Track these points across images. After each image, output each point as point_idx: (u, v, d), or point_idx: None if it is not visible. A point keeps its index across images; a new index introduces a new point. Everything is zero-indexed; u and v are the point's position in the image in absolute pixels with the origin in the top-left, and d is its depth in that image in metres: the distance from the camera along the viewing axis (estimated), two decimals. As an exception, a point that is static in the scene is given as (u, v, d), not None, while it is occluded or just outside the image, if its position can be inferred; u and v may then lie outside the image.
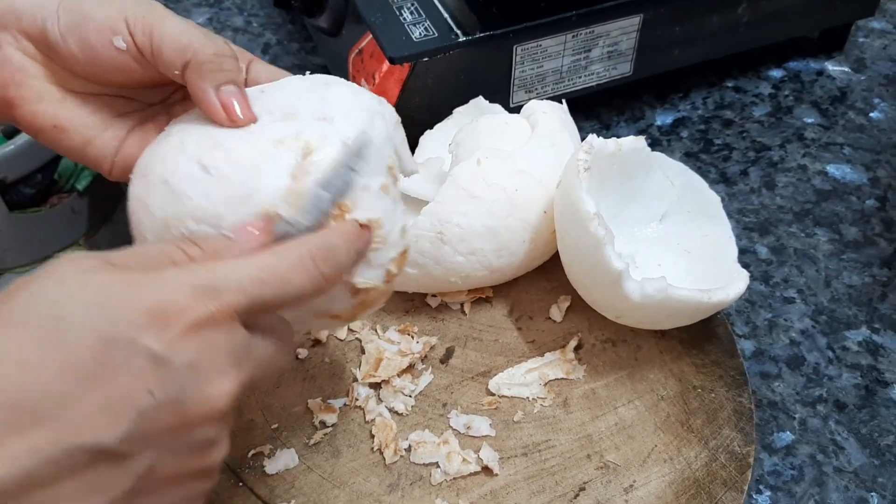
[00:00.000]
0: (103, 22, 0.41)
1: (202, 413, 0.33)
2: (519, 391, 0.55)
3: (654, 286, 0.51)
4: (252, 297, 0.34)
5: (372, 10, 0.68)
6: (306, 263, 0.36)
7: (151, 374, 0.31)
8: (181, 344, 0.32)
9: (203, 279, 0.33)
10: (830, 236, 0.69)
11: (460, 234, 0.56)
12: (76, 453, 0.30)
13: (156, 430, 0.31)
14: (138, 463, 0.31)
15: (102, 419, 0.30)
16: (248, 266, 0.35)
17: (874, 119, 0.79)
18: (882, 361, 0.61)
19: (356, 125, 0.41)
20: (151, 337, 0.31)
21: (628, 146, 0.57)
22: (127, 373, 0.31)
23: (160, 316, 0.32)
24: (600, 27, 0.70)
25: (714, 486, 0.50)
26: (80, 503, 0.30)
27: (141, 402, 0.31)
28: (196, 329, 0.32)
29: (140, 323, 0.31)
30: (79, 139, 0.44)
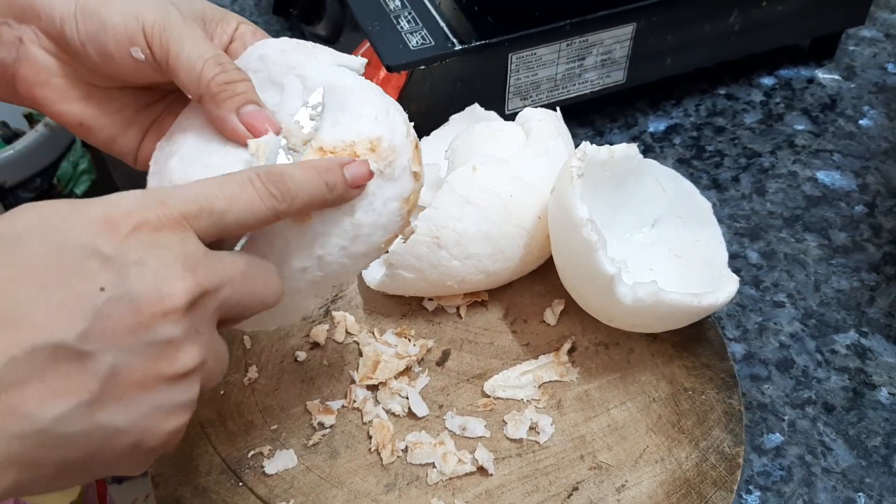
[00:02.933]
0: (121, 31, 0.42)
1: (157, 309, 0.33)
2: (514, 393, 0.56)
3: (646, 290, 0.52)
4: (201, 205, 0.35)
5: (369, 19, 0.69)
6: (254, 182, 0.37)
7: (102, 272, 0.32)
8: (129, 243, 0.33)
9: (150, 192, 0.35)
10: (820, 241, 0.71)
11: (456, 239, 0.57)
12: (37, 352, 0.31)
13: (113, 326, 0.32)
14: (100, 362, 0.32)
15: (59, 317, 0.31)
16: (195, 184, 0.37)
17: (864, 126, 0.81)
18: (870, 364, 0.62)
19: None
20: (100, 239, 0.33)
21: (621, 153, 0.58)
22: (79, 274, 0.32)
23: (108, 221, 0.33)
24: (594, 36, 0.71)
25: (704, 486, 0.51)
26: (49, 404, 0.31)
27: (94, 299, 0.32)
28: (143, 229, 0.33)
29: (89, 229, 0.33)
30: (104, 136, 0.46)
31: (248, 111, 0.42)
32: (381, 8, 0.70)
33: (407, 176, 0.44)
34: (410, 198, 0.45)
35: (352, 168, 0.41)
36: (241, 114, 0.42)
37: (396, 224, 0.45)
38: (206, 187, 0.36)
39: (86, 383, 0.32)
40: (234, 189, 0.37)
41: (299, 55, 0.45)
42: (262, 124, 0.42)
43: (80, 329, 0.31)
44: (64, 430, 0.31)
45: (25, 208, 0.33)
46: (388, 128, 0.43)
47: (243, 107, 0.42)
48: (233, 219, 0.37)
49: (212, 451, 0.53)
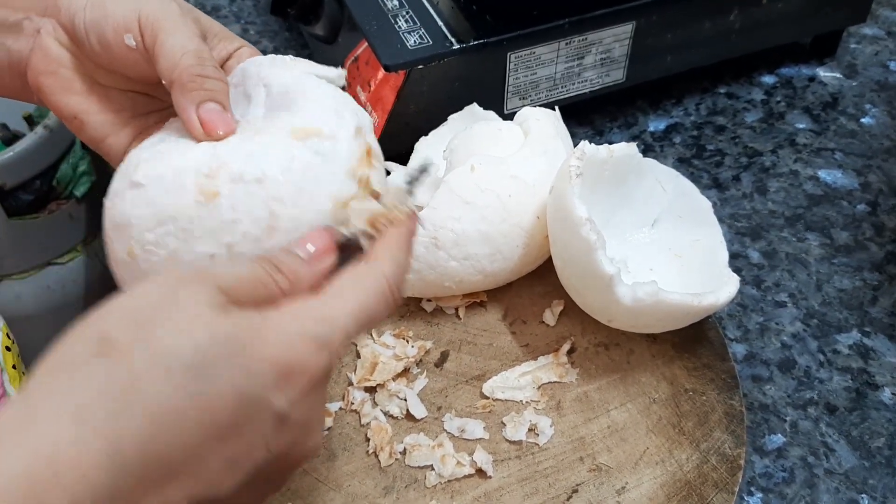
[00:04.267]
0: (120, 19, 0.42)
1: (300, 463, 0.34)
2: (512, 394, 0.56)
3: (646, 290, 0.51)
4: (352, 337, 0.35)
5: (367, 18, 0.69)
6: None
7: (273, 431, 0.32)
8: (301, 400, 0.32)
9: (318, 330, 0.33)
10: (822, 241, 0.70)
11: (454, 240, 0.56)
12: (194, 501, 0.30)
13: (260, 478, 0.32)
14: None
15: (223, 473, 0.31)
16: (346, 304, 0.35)
17: (865, 125, 0.80)
18: (872, 364, 0.61)
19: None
20: (279, 395, 0.32)
21: (620, 152, 0.58)
22: (254, 430, 0.31)
23: (287, 374, 0.32)
24: (593, 34, 0.71)
25: (705, 488, 0.51)
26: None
27: (259, 458, 0.32)
28: (315, 385, 0.33)
29: (270, 381, 0.31)
30: (95, 133, 0.46)
31: (208, 108, 0.42)
32: (378, 7, 0.70)
33: (346, 179, 0.41)
34: (350, 203, 0.41)
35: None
36: (201, 109, 0.41)
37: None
38: (356, 310, 0.35)
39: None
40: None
41: (273, 68, 0.44)
42: (217, 124, 0.41)
43: (236, 485, 0.31)
44: None
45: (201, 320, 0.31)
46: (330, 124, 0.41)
47: (205, 103, 0.42)
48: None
49: (208, 453, 0.53)
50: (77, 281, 1.03)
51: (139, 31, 0.42)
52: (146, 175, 0.40)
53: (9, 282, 1.04)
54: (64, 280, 1.03)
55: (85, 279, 1.04)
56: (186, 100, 0.42)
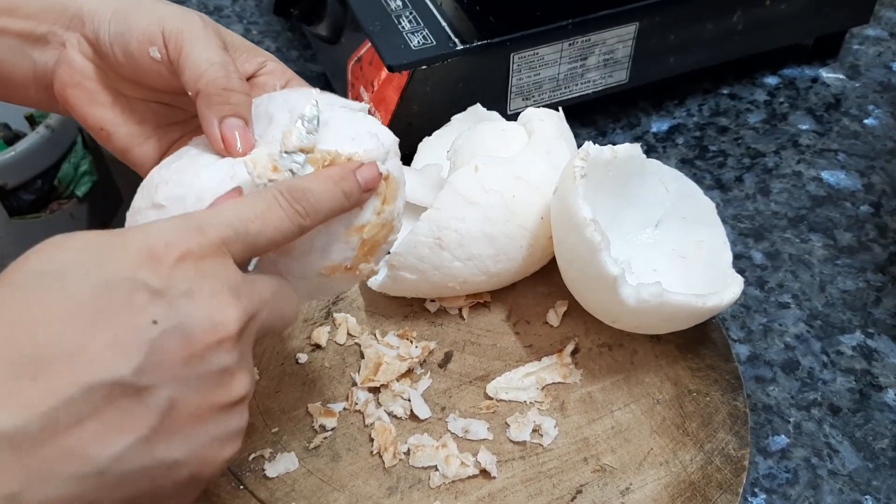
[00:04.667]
0: (144, 32, 0.43)
1: (210, 338, 0.33)
2: (516, 395, 0.56)
3: (650, 291, 0.51)
4: (236, 229, 0.35)
5: (370, 19, 0.69)
6: (280, 201, 0.38)
7: (152, 305, 0.32)
8: (175, 274, 0.33)
9: (186, 220, 0.35)
10: (825, 242, 0.70)
11: (458, 240, 0.56)
12: (93, 390, 0.30)
13: (168, 359, 0.32)
14: (158, 396, 0.32)
15: (114, 354, 0.31)
16: (227, 206, 0.37)
17: (868, 125, 0.80)
18: (876, 366, 0.61)
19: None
20: (146, 272, 0.32)
21: (624, 153, 0.58)
22: (129, 308, 0.32)
23: (151, 254, 0.33)
24: (596, 35, 0.71)
25: (709, 489, 0.51)
26: (108, 443, 0.31)
27: (147, 333, 0.32)
28: (186, 258, 0.33)
29: (133, 263, 0.32)
30: (121, 144, 0.47)
31: (230, 123, 0.43)
32: (382, 8, 0.70)
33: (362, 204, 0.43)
34: (366, 229, 0.43)
35: (363, 172, 0.42)
36: (224, 125, 0.43)
37: (339, 253, 0.43)
38: (239, 210, 0.36)
39: (144, 418, 0.32)
40: (264, 209, 0.37)
41: (301, 96, 0.46)
42: (237, 140, 0.43)
43: (136, 364, 0.31)
44: (123, 467, 0.31)
45: (61, 242, 0.33)
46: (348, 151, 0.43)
47: (229, 118, 0.43)
48: (265, 240, 0.37)
49: (212, 454, 0.52)
50: (78, 281, 1.03)
51: (163, 43, 0.43)
52: (167, 197, 0.42)
53: (10, 282, 1.04)
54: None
55: (86, 279, 1.03)
56: (211, 112, 0.43)
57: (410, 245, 0.56)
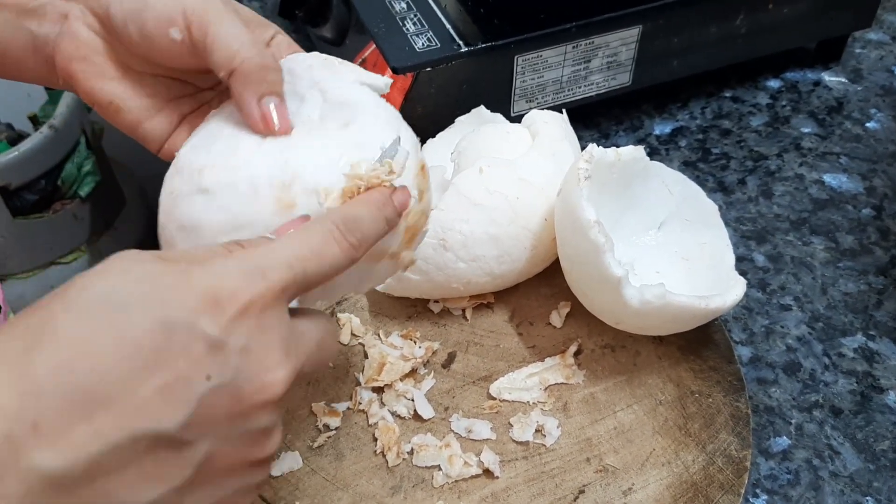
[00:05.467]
0: (162, 11, 0.42)
1: (259, 399, 0.33)
2: (519, 395, 0.56)
3: (653, 293, 0.52)
4: (296, 272, 0.34)
5: (375, 21, 0.69)
6: (335, 235, 0.37)
7: (208, 358, 0.31)
8: (236, 327, 0.32)
9: (250, 262, 0.34)
10: (827, 244, 0.70)
11: (462, 241, 0.56)
12: (139, 439, 0.30)
13: (214, 415, 0.32)
14: (197, 450, 0.32)
15: (163, 404, 0.30)
16: (286, 245, 0.35)
17: (870, 129, 0.81)
18: (877, 368, 0.62)
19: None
20: (207, 321, 0.31)
21: (627, 155, 0.58)
22: (185, 357, 0.31)
23: (214, 300, 0.32)
24: (600, 38, 0.71)
25: (711, 490, 0.51)
26: (142, 491, 0.30)
27: (199, 387, 0.31)
28: (249, 310, 0.32)
29: (195, 307, 0.31)
30: (131, 118, 0.46)
31: (268, 101, 0.42)
32: (386, 10, 0.70)
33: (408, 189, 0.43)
34: (409, 216, 0.44)
35: (398, 197, 0.41)
36: (262, 103, 0.42)
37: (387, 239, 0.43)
38: (297, 247, 0.35)
39: (180, 470, 0.31)
40: (320, 245, 0.36)
41: (324, 71, 0.45)
42: (276, 120, 0.42)
43: (183, 418, 0.31)
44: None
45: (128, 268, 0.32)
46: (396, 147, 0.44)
47: (266, 96, 0.42)
48: (320, 278, 0.36)
49: (217, 452, 0.53)
50: (82, 281, 1.03)
51: (185, 24, 0.42)
52: (216, 182, 0.41)
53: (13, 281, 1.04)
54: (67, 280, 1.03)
55: (90, 279, 1.03)
56: (249, 91, 0.42)
57: None
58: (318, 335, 0.37)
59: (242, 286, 0.32)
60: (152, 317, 0.31)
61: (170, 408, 0.30)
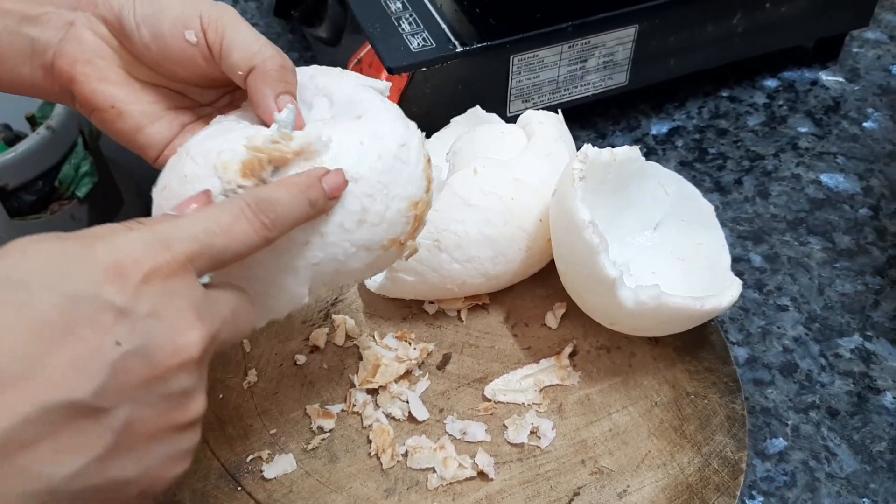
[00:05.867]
0: (178, 15, 0.44)
1: (173, 361, 0.33)
2: (514, 397, 0.56)
3: (648, 294, 0.51)
4: (203, 244, 0.35)
5: (370, 21, 0.69)
6: (246, 213, 0.37)
7: (116, 325, 0.31)
8: (141, 294, 0.32)
9: (153, 234, 0.34)
10: (824, 245, 0.70)
11: (457, 242, 0.56)
12: (52, 411, 0.30)
13: (129, 381, 0.32)
14: (115, 417, 0.31)
15: (74, 374, 0.30)
16: (194, 220, 0.36)
17: (868, 128, 0.80)
18: (874, 369, 0.61)
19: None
20: (111, 290, 0.32)
21: (623, 156, 0.58)
22: (92, 327, 0.31)
23: (117, 270, 0.32)
24: (596, 38, 0.71)
25: (707, 492, 0.51)
26: (61, 464, 0.30)
27: (110, 354, 0.31)
28: (153, 278, 0.33)
29: (99, 278, 0.32)
30: (132, 124, 0.46)
31: (286, 100, 0.44)
32: (382, 10, 0.70)
33: (418, 182, 0.45)
34: (419, 205, 0.45)
35: (329, 180, 0.42)
36: (280, 99, 0.44)
37: (401, 226, 0.45)
38: (204, 222, 0.36)
39: (100, 438, 0.31)
40: (230, 222, 0.37)
41: (327, 79, 0.47)
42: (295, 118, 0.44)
43: (96, 386, 0.31)
44: (75, 486, 0.31)
45: (26, 247, 0.32)
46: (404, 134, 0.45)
47: (283, 94, 0.44)
48: (230, 255, 0.37)
49: (210, 455, 0.53)
50: (79, 282, 1.03)
51: (201, 27, 0.44)
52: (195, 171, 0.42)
53: (11, 282, 1.04)
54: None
55: (87, 280, 1.03)
56: (267, 87, 0.43)
57: None
58: (232, 304, 0.37)
59: (146, 255, 0.33)
60: (55, 291, 0.31)
61: (82, 377, 0.30)
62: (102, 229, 0.35)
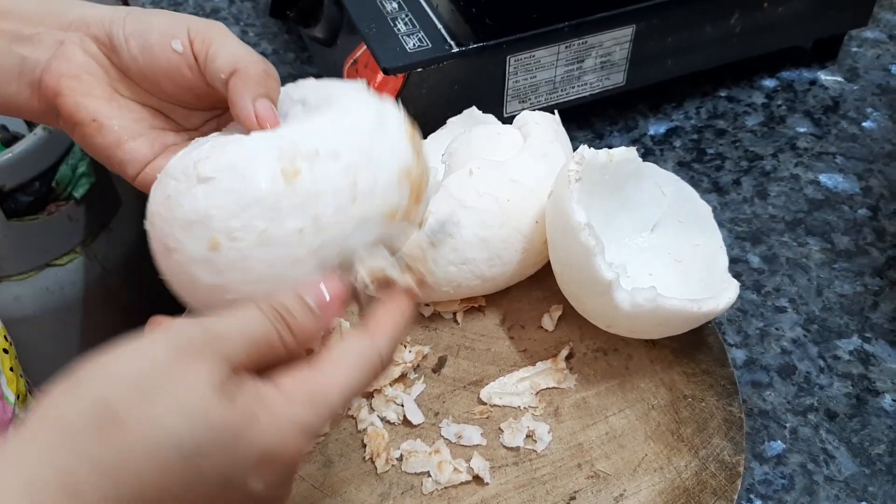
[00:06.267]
0: (167, 29, 0.45)
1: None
2: (510, 400, 0.55)
3: (645, 296, 0.51)
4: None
5: (366, 21, 0.68)
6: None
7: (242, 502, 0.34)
8: (276, 481, 0.35)
9: (308, 418, 0.35)
10: (822, 245, 0.70)
11: (452, 244, 0.56)
12: None
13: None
14: None
15: None
16: (342, 383, 0.36)
17: (867, 128, 0.80)
18: (873, 371, 0.61)
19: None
20: (257, 479, 0.34)
21: (619, 156, 0.57)
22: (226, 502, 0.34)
23: (269, 460, 0.34)
24: (593, 38, 0.71)
25: (704, 496, 0.50)
26: None
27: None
28: (294, 466, 0.35)
29: (252, 465, 0.33)
30: (112, 138, 0.46)
31: (264, 103, 0.44)
32: (377, 10, 0.70)
33: (404, 149, 0.44)
34: (412, 174, 0.44)
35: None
36: (257, 103, 0.44)
37: (396, 196, 0.44)
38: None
39: None
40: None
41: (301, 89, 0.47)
42: (269, 119, 0.44)
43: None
44: None
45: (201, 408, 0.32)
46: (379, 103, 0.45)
47: (262, 98, 0.44)
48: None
49: (204, 459, 0.52)
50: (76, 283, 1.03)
51: (188, 38, 0.45)
52: (214, 168, 0.41)
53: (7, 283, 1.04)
54: (63, 282, 1.03)
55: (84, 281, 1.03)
56: (247, 91, 0.44)
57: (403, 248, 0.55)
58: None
59: (294, 446, 0.35)
60: (218, 475, 0.33)
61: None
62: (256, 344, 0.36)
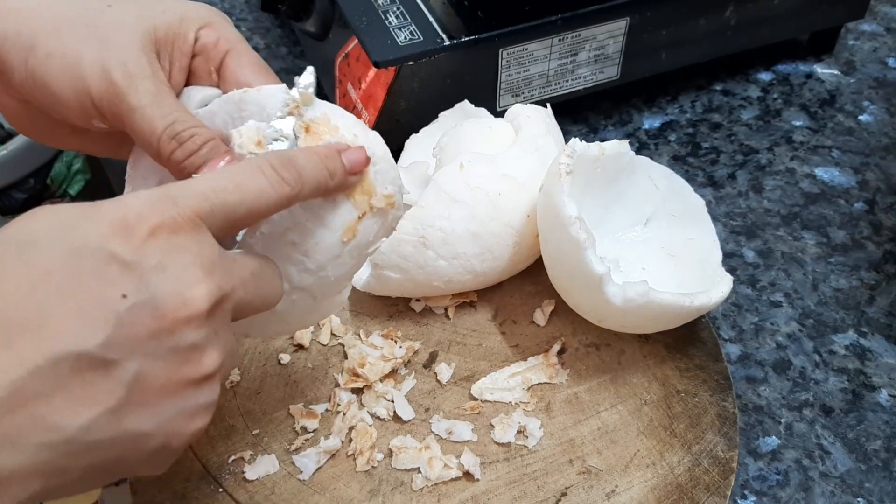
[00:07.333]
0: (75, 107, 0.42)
1: (180, 314, 0.33)
2: (502, 396, 0.55)
3: (636, 290, 0.50)
4: (213, 201, 0.35)
5: (357, 14, 0.68)
6: (264, 170, 0.37)
7: (122, 278, 0.32)
8: (147, 247, 0.33)
9: (161, 191, 0.34)
10: (818, 240, 0.69)
11: (443, 239, 0.55)
12: (61, 362, 0.30)
13: (136, 333, 0.32)
14: (125, 370, 0.32)
15: (81, 325, 0.31)
16: (205, 177, 0.36)
17: (863, 122, 0.79)
18: (869, 365, 0.60)
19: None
20: (117, 244, 0.32)
21: (611, 150, 0.57)
22: (98, 279, 0.31)
23: (123, 224, 0.32)
24: (587, 31, 0.70)
25: (697, 492, 0.50)
26: (74, 414, 0.31)
27: (116, 306, 0.31)
28: (159, 232, 0.33)
29: (104, 233, 0.32)
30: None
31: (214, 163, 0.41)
32: (369, 3, 0.69)
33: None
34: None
35: (349, 155, 0.41)
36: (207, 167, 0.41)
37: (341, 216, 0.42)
38: (216, 181, 0.36)
39: (111, 391, 0.32)
40: (245, 179, 0.36)
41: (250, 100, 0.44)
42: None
43: (103, 337, 0.31)
44: (91, 437, 0.32)
45: (39, 212, 0.33)
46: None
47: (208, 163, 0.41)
48: (245, 211, 0.36)
49: (191, 456, 0.52)
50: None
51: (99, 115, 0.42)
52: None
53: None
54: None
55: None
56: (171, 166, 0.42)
57: (394, 243, 0.55)
58: (252, 267, 0.38)
59: (152, 210, 0.33)
60: (62, 247, 0.32)
61: (88, 328, 0.31)
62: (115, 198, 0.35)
